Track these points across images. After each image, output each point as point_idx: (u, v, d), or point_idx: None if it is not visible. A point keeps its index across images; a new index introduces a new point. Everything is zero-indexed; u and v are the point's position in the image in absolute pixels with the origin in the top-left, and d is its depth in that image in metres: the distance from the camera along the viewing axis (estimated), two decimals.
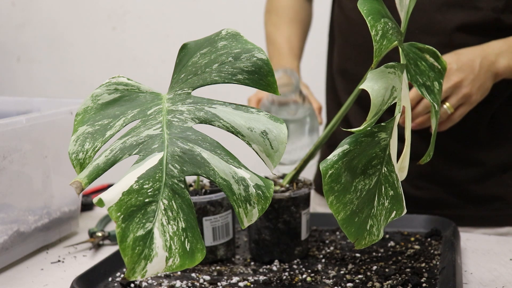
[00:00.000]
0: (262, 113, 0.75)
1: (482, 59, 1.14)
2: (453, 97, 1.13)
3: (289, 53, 1.40)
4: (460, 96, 1.12)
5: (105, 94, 0.79)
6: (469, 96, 1.13)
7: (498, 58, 1.15)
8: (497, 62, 1.15)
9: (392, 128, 0.80)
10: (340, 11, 1.36)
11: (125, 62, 2.52)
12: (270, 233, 0.99)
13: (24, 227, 1.07)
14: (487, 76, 1.14)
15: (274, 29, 1.45)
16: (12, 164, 1.02)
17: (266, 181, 0.72)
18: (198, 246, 0.66)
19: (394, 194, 0.81)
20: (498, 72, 1.16)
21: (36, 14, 2.60)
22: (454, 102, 1.13)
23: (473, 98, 1.13)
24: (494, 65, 1.15)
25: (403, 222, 1.11)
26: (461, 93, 1.12)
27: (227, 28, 0.82)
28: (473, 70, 1.13)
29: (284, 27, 1.44)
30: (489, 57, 1.15)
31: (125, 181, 0.66)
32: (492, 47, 1.17)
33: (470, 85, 1.12)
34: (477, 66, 1.13)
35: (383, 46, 0.76)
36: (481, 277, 0.96)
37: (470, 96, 1.13)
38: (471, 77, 1.12)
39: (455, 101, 1.13)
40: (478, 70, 1.13)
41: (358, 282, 0.90)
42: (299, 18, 1.46)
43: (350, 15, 1.32)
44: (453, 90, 1.12)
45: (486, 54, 1.15)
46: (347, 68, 1.35)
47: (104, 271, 0.94)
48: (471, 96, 1.13)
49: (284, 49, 1.41)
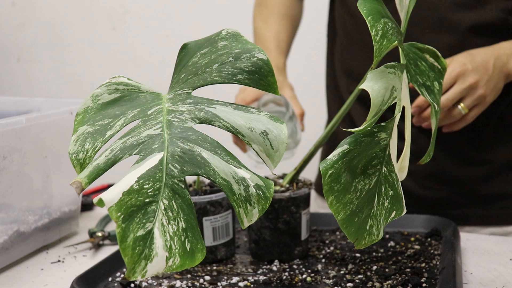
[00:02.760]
0: (262, 113, 0.75)
1: (495, 60, 1.14)
2: (468, 98, 1.13)
3: (276, 49, 1.38)
4: (476, 97, 1.12)
5: (105, 94, 0.79)
6: (484, 97, 1.13)
7: (509, 59, 1.16)
8: (509, 63, 1.15)
9: (392, 128, 0.80)
10: (345, 11, 1.36)
11: (125, 62, 2.52)
12: (270, 233, 0.99)
13: (24, 227, 1.07)
14: (500, 76, 1.15)
15: (263, 24, 1.43)
16: (12, 164, 1.02)
17: (266, 181, 0.72)
18: (198, 246, 0.66)
19: (394, 194, 0.81)
20: (510, 73, 1.16)
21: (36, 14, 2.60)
22: (469, 103, 1.13)
23: (488, 99, 1.14)
24: (506, 66, 1.15)
25: (403, 222, 1.11)
26: (476, 94, 1.12)
27: (227, 28, 0.82)
28: (487, 71, 1.13)
29: (274, 23, 1.42)
30: (502, 58, 1.15)
31: (125, 181, 0.66)
32: (504, 48, 1.17)
33: (485, 86, 1.12)
34: (491, 67, 1.13)
35: (383, 46, 0.76)
36: (481, 277, 0.96)
37: (485, 97, 1.13)
38: (486, 78, 1.12)
39: (470, 102, 1.13)
40: (492, 71, 1.13)
41: (358, 282, 0.90)
42: (289, 14, 1.44)
43: (356, 14, 1.32)
44: (469, 91, 1.12)
45: (498, 55, 1.15)
46: (352, 68, 1.34)
47: (104, 271, 0.94)
48: (486, 97, 1.13)
49: (272, 45, 1.39)
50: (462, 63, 1.12)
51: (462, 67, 1.11)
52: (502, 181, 1.28)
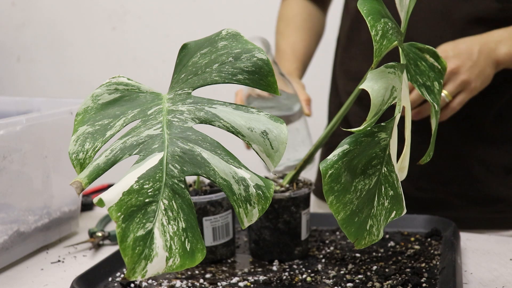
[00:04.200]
0: (262, 113, 0.75)
1: (481, 46, 1.13)
2: (450, 84, 1.11)
3: (291, 56, 1.39)
4: (458, 82, 1.11)
5: (105, 94, 0.79)
6: (468, 83, 1.11)
7: (498, 45, 1.14)
8: (497, 49, 1.14)
9: (392, 128, 0.80)
10: (346, 11, 1.36)
11: (125, 62, 2.52)
12: (270, 233, 0.99)
13: (24, 227, 1.07)
14: (487, 62, 1.13)
15: (280, 36, 1.45)
16: (12, 164, 1.02)
17: (266, 181, 0.72)
18: (198, 246, 0.66)
19: (394, 194, 0.81)
20: (499, 59, 1.15)
21: (36, 14, 2.60)
22: (451, 89, 1.11)
23: (473, 85, 1.12)
24: (494, 52, 1.14)
25: (403, 222, 1.11)
26: (458, 80, 1.11)
27: (227, 28, 0.82)
28: (470, 57, 1.12)
29: (289, 34, 1.44)
30: (489, 44, 1.14)
31: (125, 181, 0.66)
32: (493, 35, 1.16)
33: (468, 72, 1.11)
34: (476, 53, 1.12)
35: (383, 46, 0.76)
36: (481, 277, 0.96)
37: (469, 83, 1.11)
38: (469, 63, 1.11)
39: (452, 88, 1.11)
40: (477, 57, 1.12)
41: (358, 282, 0.90)
42: (306, 26, 1.45)
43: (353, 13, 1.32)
44: (450, 76, 1.11)
45: (485, 41, 1.14)
46: (350, 67, 1.35)
47: (104, 271, 0.94)
48: (470, 83, 1.11)
49: (287, 53, 1.40)
50: (443, 50, 1.12)
51: (443, 54, 1.09)
52: (498, 184, 1.27)
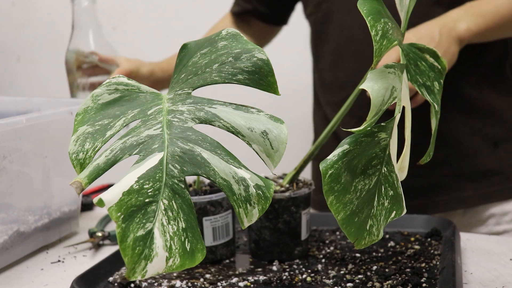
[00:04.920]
0: (262, 113, 0.75)
1: (441, 27, 1.16)
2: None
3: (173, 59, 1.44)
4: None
5: (105, 94, 0.79)
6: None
7: (456, 24, 1.18)
8: (456, 27, 1.17)
9: (392, 128, 0.80)
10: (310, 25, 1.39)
11: None
12: (270, 233, 0.99)
13: (24, 227, 1.07)
14: (449, 41, 1.16)
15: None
16: (12, 164, 1.02)
17: (266, 181, 0.72)
18: (198, 246, 0.66)
19: (394, 194, 0.81)
20: (460, 36, 1.18)
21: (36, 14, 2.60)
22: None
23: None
24: (454, 30, 1.17)
25: (403, 222, 1.11)
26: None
27: (227, 28, 0.82)
28: (433, 39, 1.14)
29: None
30: (448, 24, 1.17)
31: (125, 181, 0.66)
32: (450, 15, 1.19)
33: None
34: (437, 35, 1.15)
35: (383, 46, 0.76)
36: (481, 277, 0.96)
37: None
38: (432, 45, 1.14)
39: None
40: (438, 38, 1.15)
41: (358, 282, 0.90)
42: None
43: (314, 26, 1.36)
44: None
45: (444, 22, 1.17)
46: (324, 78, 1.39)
47: (104, 271, 0.94)
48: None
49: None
50: (406, 38, 1.14)
51: (407, 41, 1.11)
52: (489, 158, 1.30)
